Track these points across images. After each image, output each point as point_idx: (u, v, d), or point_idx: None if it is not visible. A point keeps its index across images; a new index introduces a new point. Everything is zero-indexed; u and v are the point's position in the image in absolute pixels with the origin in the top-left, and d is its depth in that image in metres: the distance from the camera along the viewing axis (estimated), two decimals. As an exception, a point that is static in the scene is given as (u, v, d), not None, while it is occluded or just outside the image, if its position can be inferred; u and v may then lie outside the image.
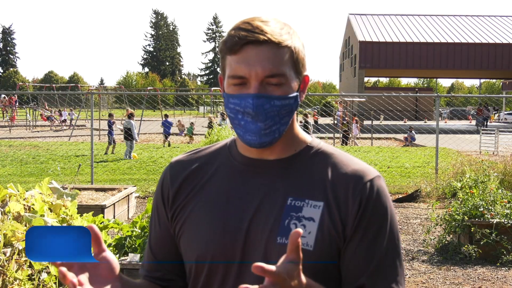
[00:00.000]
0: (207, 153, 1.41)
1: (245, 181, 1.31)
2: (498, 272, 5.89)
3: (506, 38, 38.42)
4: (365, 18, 43.82)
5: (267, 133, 1.25)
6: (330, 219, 1.25)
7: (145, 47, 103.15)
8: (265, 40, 1.22)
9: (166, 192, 1.39)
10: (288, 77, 1.25)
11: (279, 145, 1.31)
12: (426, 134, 24.40)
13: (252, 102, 1.23)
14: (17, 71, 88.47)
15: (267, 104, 1.23)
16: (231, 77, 1.25)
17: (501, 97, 22.21)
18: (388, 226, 1.28)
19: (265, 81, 1.24)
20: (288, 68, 1.25)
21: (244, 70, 1.23)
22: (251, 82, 1.24)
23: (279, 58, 1.24)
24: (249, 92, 1.23)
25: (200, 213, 1.32)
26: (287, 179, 1.30)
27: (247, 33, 1.23)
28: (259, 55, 1.23)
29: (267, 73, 1.22)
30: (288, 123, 1.28)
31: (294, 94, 1.27)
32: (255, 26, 1.24)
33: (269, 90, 1.24)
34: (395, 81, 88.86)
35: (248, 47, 1.23)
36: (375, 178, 1.30)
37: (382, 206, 1.27)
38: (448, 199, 8.52)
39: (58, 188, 5.32)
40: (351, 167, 1.30)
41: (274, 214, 1.26)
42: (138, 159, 16.13)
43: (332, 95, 50.94)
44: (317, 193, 1.28)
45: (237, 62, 1.24)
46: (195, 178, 1.37)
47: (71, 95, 41.04)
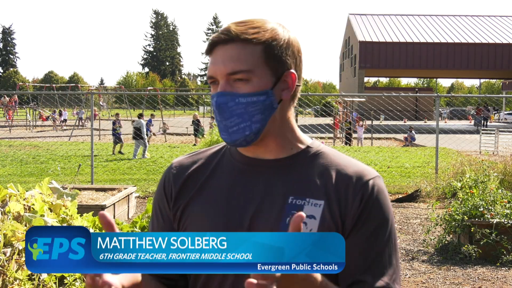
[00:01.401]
0: (207, 154, 1.42)
1: (245, 180, 1.32)
2: (498, 272, 5.89)
3: (506, 38, 38.42)
4: (365, 18, 43.82)
5: (234, 130, 1.26)
6: (331, 217, 1.26)
7: (145, 47, 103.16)
8: (229, 39, 1.25)
9: (169, 190, 1.39)
10: (256, 73, 1.25)
11: (274, 145, 1.32)
12: (426, 134, 24.40)
13: (216, 100, 1.26)
14: (17, 71, 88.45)
15: (231, 102, 1.25)
16: (207, 78, 1.30)
17: (501, 97, 22.21)
18: (386, 225, 1.29)
19: (231, 78, 1.25)
20: (258, 64, 1.25)
21: (212, 69, 1.27)
22: (219, 82, 1.26)
23: (245, 55, 1.25)
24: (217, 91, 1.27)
25: (202, 212, 1.33)
26: (288, 178, 1.31)
27: (217, 35, 1.27)
28: (224, 54, 1.25)
29: (228, 70, 1.24)
30: (263, 121, 1.27)
31: (264, 90, 1.26)
32: (226, 28, 1.27)
33: (235, 87, 1.25)
34: (395, 81, 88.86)
35: (217, 48, 1.27)
36: (375, 178, 1.31)
37: (381, 205, 1.29)
38: (448, 199, 8.52)
39: (58, 188, 5.33)
40: (351, 168, 1.32)
41: (275, 213, 1.27)
42: (148, 158, 16.30)
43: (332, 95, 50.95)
44: (318, 192, 1.28)
45: (210, 63, 1.29)
46: (196, 178, 1.38)
47: (71, 95, 41.03)
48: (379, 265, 1.26)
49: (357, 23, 42.22)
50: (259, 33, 1.26)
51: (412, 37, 38.80)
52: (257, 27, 1.27)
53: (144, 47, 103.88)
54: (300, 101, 20.21)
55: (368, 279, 1.24)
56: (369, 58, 37.86)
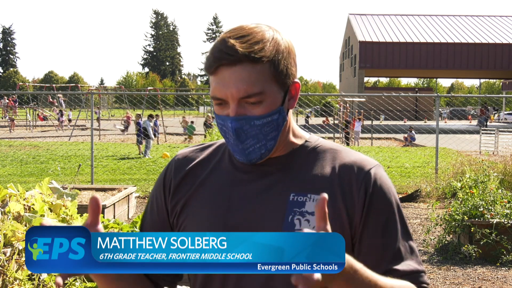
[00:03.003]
0: (210, 150, 1.42)
1: (245, 177, 1.32)
2: (498, 272, 5.89)
3: (506, 38, 38.42)
4: (365, 18, 43.82)
5: (251, 151, 1.26)
6: (334, 212, 1.25)
7: (145, 47, 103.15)
8: (237, 60, 1.21)
9: (168, 183, 1.40)
10: (268, 93, 1.24)
11: (276, 145, 1.31)
12: (426, 134, 24.40)
13: (231, 126, 1.24)
14: (17, 71, 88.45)
15: (246, 126, 1.24)
16: (212, 97, 1.26)
17: (501, 97, 22.20)
18: (396, 211, 1.30)
19: (243, 101, 1.23)
20: (268, 83, 1.23)
21: (221, 92, 1.23)
22: (230, 103, 1.23)
23: (255, 76, 1.22)
24: (228, 114, 1.24)
25: (201, 211, 1.33)
26: (288, 175, 1.31)
27: (220, 54, 1.21)
28: (233, 77, 1.21)
29: (241, 94, 1.22)
30: (276, 137, 1.28)
31: (276, 109, 1.25)
32: (229, 45, 1.21)
33: (248, 109, 1.24)
34: (395, 81, 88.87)
35: (222, 68, 1.22)
36: (375, 167, 1.31)
37: (386, 194, 1.29)
38: (448, 199, 8.52)
39: (58, 188, 5.32)
40: (350, 159, 1.32)
41: (277, 210, 1.27)
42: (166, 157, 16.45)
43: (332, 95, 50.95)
44: (319, 187, 1.28)
45: (215, 83, 1.24)
46: (197, 173, 1.38)
47: (71, 95, 41.02)
48: (400, 253, 1.27)
49: (357, 23, 42.22)
50: (264, 49, 1.22)
51: (412, 37, 38.80)
52: (260, 41, 1.23)
53: (144, 47, 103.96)
54: (300, 101, 20.21)
55: (394, 268, 1.26)
56: (369, 58, 37.86)
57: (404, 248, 1.28)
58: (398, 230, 1.28)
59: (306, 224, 1.25)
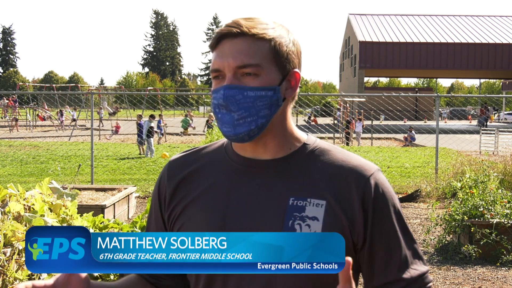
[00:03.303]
0: (204, 153, 1.40)
1: (243, 181, 1.30)
2: (498, 272, 5.89)
3: (506, 38, 38.42)
4: (365, 18, 43.81)
5: (240, 123, 1.24)
6: (335, 217, 1.25)
7: (145, 47, 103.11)
8: (239, 32, 1.23)
9: (163, 192, 1.39)
10: (265, 68, 1.24)
11: (273, 144, 1.30)
12: (426, 134, 24.41)
13: (223, 93, 1.23)
14: (17, 71, 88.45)
15: (239, 95, 1.23)
16: (211, 71, 1.27)
17: (501, 97, 22.20)
18: (399, 217, 1.30)
19: (239, 72, 1.24)
20: (266, 60, 1.25)
21: (219, 62, 1.25)
22: (226, 75, 1.24)
23: (254, 49, 1.24)
24: (222, 84, 1.25)
25: (199, 214, 1.31)
26: (287, 178, 1.29)
27: (224, 28, 1.25)
28: (232, 47, 1.24)
29: (238, 63, 1.23)
30: (268, 117, 1.26)
31: (272, 86, 1.25)
32: (234, 21, 1.26)
33: (243, 81, 1.24)
34: (395, 81, 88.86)
35: (224, 41, 1.25)
36: (375, 172, 1.30)
37: (389, 201, 1.29)
38: (448, 199, 8.51)
39: (58, 188, 5.32)
40: (350, 163, 1.31)
41: (276, 215, 1.25)
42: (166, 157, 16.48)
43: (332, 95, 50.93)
44: (318, 191, 1.27)
45: (215, 57, 1.26)
46: (192, 179, 1.36)
47: (71, 95, 41.02)
48: (407, 258, 1.28)
49: (357, 23, 42.21)
50: (268, 29, 1.26)
51: (412, 37, 38.79)
52: (265, 24, 1.27)
53: (144, 47, 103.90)
54: (300, 101, 20.20)
55: (402, 276, 1.27)
56: (369, 58, 37.85)
57: (408, 255, 1.29)
58: (401, 238, 1.29)
59: (307, 229, 1.24)
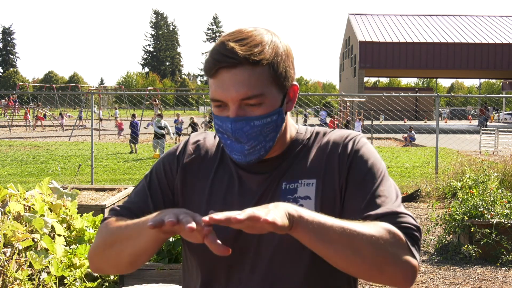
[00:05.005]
0: (216, 143, 1.43)
1: (247, 176, 1.34)
2: (498, 272, 5.89)
3: (506, 38, 38.40)
4: (365, 18, 43.79)
5: (251, 152, 1.27)
6: (325, 192, 1.29)
7: (145, 47, 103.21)
8: (237, 62, 1.21)
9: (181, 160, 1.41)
10: (267, 95, 1.25)
11: (274, 147, 1.34)
12: (426, 134, 24.41)
13: (231, 127, 1.24)
14: (17, 71, 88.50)
15: (246, 126, 1.24)
16: (211, 99, 1.28)
17: (501, 97, 22.20)
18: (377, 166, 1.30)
19: (243, 103, 1.24)
20: (267, 85, 1.24)
21: (221, 94, 1.24)
22: (229, 105, 1.24)
23: (255, 78, 1.22)
24: (228, 115, 1.25)
25: (205, 201, 1.35)
26: (281, 169, 1.33)
27: (220, 57, 1.22)
28: (233, 79, 1.22)
29: (241, 96, 1.22)
30: (275, 138, 1.29)
31: (276, 110, 1.27)
32: (229, 48, 1.22)
33: (248, 111, 1.24)
34: (395, 81, 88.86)
35: (222, 71, 1.23)
36: (356, 136, 1.35)
37: (367, 151, 1.32)
38: (448, 199, 8.51)
39: (58, 188, 5.32)
40: (336, 136, 1.35)
41: (272, 200, 1.27)
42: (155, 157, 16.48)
43: (332, 95, 50.94)
44: (308, 172, 1.31)
45: (215, 86, 1.25)
46: (203, 163, 1.40)
47: (71, 95, 41.01)
48: (377, 199, 1.24)
49: (357, 23, 42.19)
50: (263, 51, 1.23)
51: (412, 37, 38.77)
52: (259, 44, 1.23)
53: (144, 47, 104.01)
54: (300, 101, 20.20)
55: (370, 212, 1.22)
56: (369, 58, 37.83)
57: (382, 195, 1.25)
58: (377, 180, 1.27)
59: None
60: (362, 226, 1.14)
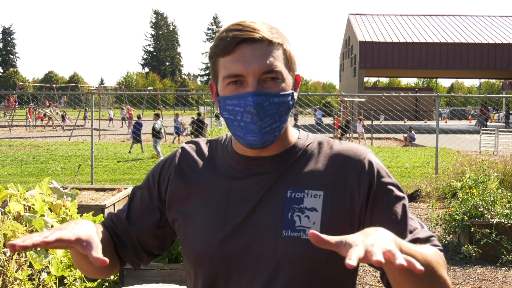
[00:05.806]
0: (211, 147, 1.42)
1: (243, 179, 1.32)
2: (498, 272, 5.89)
3: (506, 38, 38.40)
4: (365, 18, 43.79)
5: (267, 131, 1.25)
6: (333, 207, 1.26)
7: (145, 47, 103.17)
8: (259, 38, 1.22)
9: (171, 169, 1.40)
10: (284, 74, 1.25)
11: (276, 143, 1.32)
12: (426, 134, 24.41)
13: (253, 100, 1.21)
14: (17, 71, 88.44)
15: (266, 102, 1.23)
16: (227, 76, 1.24)
17: (501, 97, 22.19)
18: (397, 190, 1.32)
19: (262, 78, 1.23)
20: (282, 65, 1.25)
21: (241, 68, 1.22)
22: (248, 81, 1.22)
23: (274, 55, 1.24)
24: (247, 91, 1.22)
25: (201, 209, 1.33)
26: (284, 173, 1.31)
27: (240, 33, 1.23)
28: (255, 52, 1.22)
29: (264, 69, 1.22)
30: (286, 120, 1.29)
31: (290, 91, 1.27)
32: (246, 25, 1.24)
33: (266, 87, 1.23)
34: (395, 81, 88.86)
35: (243, 45, 1.22)
36: (368, 154, 1.33)
37: (386, 177, 1.32)
38: (448, 199, 8.51)
39: (58, 188, 5.32)
40: (343, 152, 1.33)
41: (276, 208, 1.27)
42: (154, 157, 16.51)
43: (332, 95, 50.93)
44: (315, 183, 1.29)
45: (233, 62, 1.23)
46: (196, 171, 1.37)
47: (71, 95, 41.01)
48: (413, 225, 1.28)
49: (357, 23, 42.19)
50: (278, 33, 1.27)
51: (412, 37, 38.77)
52: (270, 28, 1.26)
53: (144, 47, 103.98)
54: (300, 101, 20.20)
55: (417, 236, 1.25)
56: (369, 58, 37.82)
57: (413, 221, 1.29)
58: (406, 207, 1.30)
59: (306, 220, 1.25)
60: (429, 252, 1.16)
